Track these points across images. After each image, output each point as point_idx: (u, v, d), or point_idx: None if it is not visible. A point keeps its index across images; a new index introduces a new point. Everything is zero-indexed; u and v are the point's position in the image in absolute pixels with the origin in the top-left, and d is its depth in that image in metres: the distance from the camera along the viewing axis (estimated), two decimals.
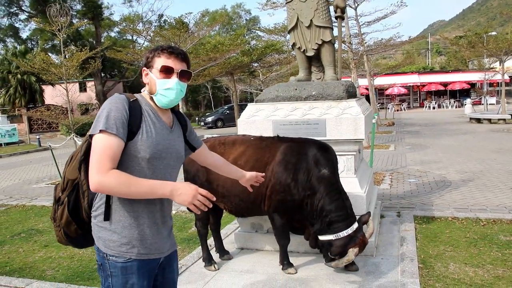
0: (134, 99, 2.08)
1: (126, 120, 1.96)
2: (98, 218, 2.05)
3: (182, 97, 2.23)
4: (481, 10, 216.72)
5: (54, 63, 13.40)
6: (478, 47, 24.60)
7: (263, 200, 4.15)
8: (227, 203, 4.38)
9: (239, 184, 4.16)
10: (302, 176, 3.99)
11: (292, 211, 4.10)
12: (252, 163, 4.10)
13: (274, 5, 20.60)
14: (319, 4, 5.13)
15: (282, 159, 4.05)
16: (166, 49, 2.10)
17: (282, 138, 4.30)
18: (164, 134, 2.10)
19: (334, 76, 5.26)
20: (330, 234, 3.90)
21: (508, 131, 17.49)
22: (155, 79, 2.07)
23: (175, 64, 2.07)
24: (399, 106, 39.59)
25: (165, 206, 2.17)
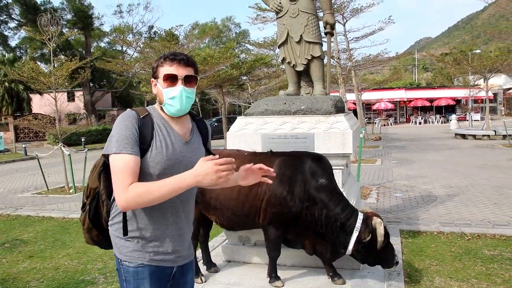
0: (146, 114, 2.06)
1: (137, 138, 1.96)
2: (114, 226, 2.09)
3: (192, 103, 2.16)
4: (466, 28, 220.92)
5: (43, 72, 13.30)
6: (463, 64, 25.07)
7: (257, 214, 4.18)
8: (219, 216, 4.39)
9: (233, 198, 4.17)
10: (298, 188, 4.03)
11: (288, 223, 4.11)
12: None
13: (264, 19, 20.79)
14: (309, 20, 5.21)
15: (277, 173, 4.01)
16: (168, 56, 2.06)
17: (276, 153, 4.34)
18: (177, 147, 2.07)
19: (323, 91, 5.33)
20: (350, 235, 3.92)
21: (492, 147, 17.77)
22: (161, 89, 2.05)
23: (178, 70, 2.03)
24: (386, 121, 40.01)
25: (181, 218, 2.14)
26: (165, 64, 2.04)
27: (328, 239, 4.06)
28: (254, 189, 4.08)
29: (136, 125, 1.99)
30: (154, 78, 2.10)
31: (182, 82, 2.03)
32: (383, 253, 3.97)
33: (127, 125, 1.97)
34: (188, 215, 2.20)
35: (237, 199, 4.18)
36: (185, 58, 2.06)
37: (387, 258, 4.01)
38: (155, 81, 2.10)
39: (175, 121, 2.12)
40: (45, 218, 8.09)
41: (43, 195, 10.71)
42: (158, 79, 2.07)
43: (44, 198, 10.37)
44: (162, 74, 2.04)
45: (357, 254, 4.01)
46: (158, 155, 2.00)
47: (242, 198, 4.17)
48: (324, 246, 4.14)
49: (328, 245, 4.10)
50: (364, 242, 3.87)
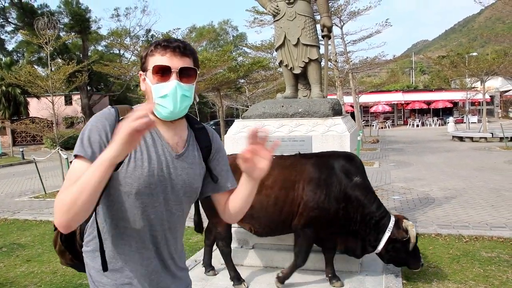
0: None
1: (105, 144, 1.51)
2: (88, 254, 1.72)
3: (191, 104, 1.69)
4: (463, 31, 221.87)
5: (40, 75, 13.32)
6: (460, 67, 25.16)
7: (293, 218, 4.11)
8: (255, 225, 4.26)
9: (270, 205, 4.09)
10: (334, 189, 4.01)
11: (324, 225, 4.08)
12: (280, 183, 4.08)
13: (261, 22, 20.89)
14: (306, 23, 5.23)
15: (312, 177, 4.06)
16: (160, 43, 1.61)
17: (305, 155, 4.31)
18: (163, 161, 1.63)
19: (321, 94, 5.34)
20: (382, 234, 4.00)
21: (489, 150, 17.81)
22: (151, 85, 1.60)
23: (171, 61, 1.57)
24: (383, 124, 40.08)
25: (163, 249, 1.72)
26: (156, 53, 1.60)
27: (360, 237, 4.10)
28: (290, 194, 4.05)
29: (109, 127, 1.56)
30: (143, 70, 1.66)
31: (177, 76, 1.58)
32: (411, 254, 4.05)
33: (97, 127, 1.56)
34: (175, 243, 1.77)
35: (275, 205, 4.09)
36: (182, 45, 1.61)
37: (414, 259, 4.09)
38: (143, 74, 1.66)
39: (166, 126, 1.67)
40: (42, 222, 8.07)
41: (41, 199, 10.68)
42: (147, 71, 1.62)
43: (41, 202, 10.34)
44: (151, 65, 1.59)
45: (385, 254, 4.08)
46: (137, 170, 1.57)
47: (279, 204, 4.08)
48: (355, 244, 4.15)
49: (358, 242, 4.13)
50: (396, 242, 3.97)
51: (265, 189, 4.05)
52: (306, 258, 4.23)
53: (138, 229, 1.64)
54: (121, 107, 1.66)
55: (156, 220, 1.66)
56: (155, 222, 1.66)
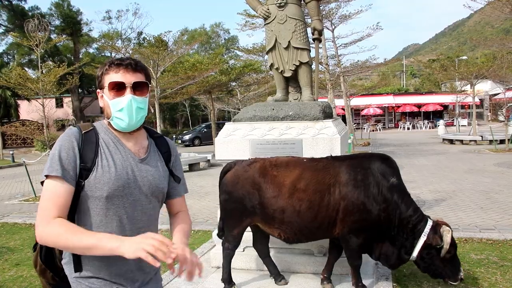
0: (89, 130, 1.80)
1: (76, 159, 1.71)
2: (68, 266, 1.82)
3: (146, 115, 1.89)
4: (453, 35, 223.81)
5: (31, 78, 13.24)
6: (450, 71, 25.37)
7: (331, 224, 3.93)
8: (285, 230, 4.05)
9: (303, 210, 3.94)
10: (373, 191, 3.86)
11: (368, 229, 3.92)
12: (313, 186, 3.92)
13: (253, 25, 20.92)
14: (297, 26, 5.25)
15: (348, 179, 3.91)
16: (113, 62, 1.79)
17: (337, 157, 4.18)
18: (128, 165, 1.80)
19: (311, 97, 5.36)
20: (417, 240, 3.82)
21: (479, 152, 17.96)
22: (108, 101, 1.78)
23: (125, 77, 1.75)
24: (374, 127, 40.28)
25: None
26: (110, 71, 1.78)
27: (397, 244, 3.92)
28: (325, 198, 3.88)
29: (76, 143, 1.74)
30: (100, 88, 1.83)
31: (131, 90, 1.76)
32: (448, 265, 3.82)
33: (65, 146, 1.73)
34: None
35: (308, 210, 3.89)
36: (133, 62, 1.80)
37: (451, 270, 3.84)
38: (101, 92, 1.83)
39: (126, 137, 1.85)
40: (32, 226, 8.00)
41: (31, 202, 10.60)
42: (104, 89, 1.80)
43: (31, 205, 10.25)
44: (107, 82, 1.77)
45: (420, 261, 3.88)
46: (105, 175, 1.73)
47: (314, 209, 3.89)
48: (391, 251, 3.97)
49: (395, 250, 3.94)
50: (431, 248, 3.77)
51: (298, 192, 3.91)
52: (360, 259, 4.11)
53: (112, 231, 1.74)
54: (82, 125, 1.84)
55: (129, 220, 1.80)
56: (127, 222, 1.79)
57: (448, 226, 3.82)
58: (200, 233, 6.91)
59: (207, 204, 9.65)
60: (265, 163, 4.19)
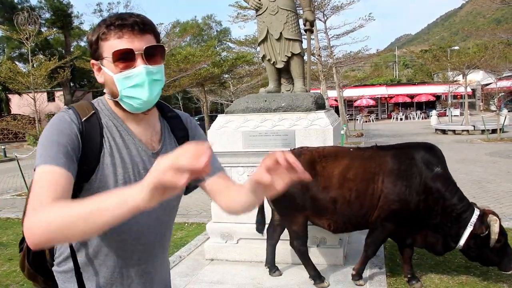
0: (91, 114, 1.38)
1: (78, 152, 1.30)
2: (61, 276, 1.48)
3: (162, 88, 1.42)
4: (445, 26, 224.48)
5: (22, 72, 13.13)
6: (442, 61, 25.47)
7: (372, 212, 3.97)
8: (336, 221, 4.06)
9: (352, 199, 3.93)
10: (415, 181, 3.86)
11: (404, 218, 3.94)
12: (361, 176, 3.95)
13: (244, 17, 20.85)
14: (288, 17, 5.22)
15: (391, 168, 3.93)
16: (113, 22, 1.30)
17: (382, 147, 4.20)
18: (139, 162, 1.40)
19: (303, 88, 5.35)
20: (463, 229, 3.80)
21: (471, 142, 18.08)
22: (112, 75, 1.33)
23: (132, 42, 1.29)
24: (367, 118, 40.39)
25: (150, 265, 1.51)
26: (110, 36, 1.31)
27: (441, 231, 3.92)
28: (370, 186, 3.91)
29: (78, 131, 1.32)
30: (95, 59, 1.37)
31: (143, 58, 1.31)
32: (498, 254, 3.80)
33: (60, 130, 1.30)
34: (163, 254, 1.58)
35: (356, 199, 3.93)
36: (139, 20, 1.31)
37: (502, 259, 3.80)
38: (97, 63, 1.37)
39: (136, 120, 1.43)
40: None
41: (23, 197, 10.53)
42: (103, 60, 1.34)
43: (24, 200, 10.17)
44: (109, 51, 1.31)
45: (468, 250, 3.88)
46: (110, 177, 1.34)
47: (361, 197, 3.93)
48: (435, 239, 3.97)
49: (440, 238, 3.95)
50: (478, 238, 3.75)
51: (347, 182, 3.94)
52: (376, 251, 4.14)
53: (118, 245, 1.42)
54: (78, 105, 1.41)
55: (141, 232, 1.43)
56: (138, 235, 1.43)
57: (495, 215, 3.78)
58: (194, 226, 6.91)
59: (200, 196, 9.63)
60: (313, 154, 4.14)
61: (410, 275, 4.18)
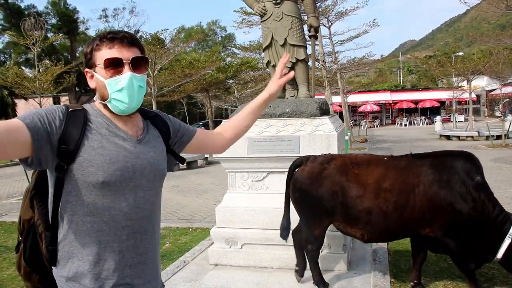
0: (77, 109, 1.59)
1: (54, 129, 1.47)
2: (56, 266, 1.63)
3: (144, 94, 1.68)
4: (449, 31, 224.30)
5: (28, 77, 13.23)
6: (447, 67, 25.44)
7: (417, 225, 3.80)
8: (370, 231, 3.91)
9: (390, 210, 3.76)
10: (461, 190, 3.70)
11: (464, 229, 3.74)
12: (399, 186, 3.79)
13: (249, 23, 20.91)
14: (293, 23, 5.25)
15: (433, 179, 3.76)
16: (106, 36, 1.57)
17: (418, 155, 4.03)
18: (125, 148, 1.59)
19: (308, 94, 5.37)
20: (502, 241, 3.68)
21: (476, 148, 18.01)
22: (103, 80, 1.56)
23: (121, 52, 1.55)
24: (371, 123, 40.34)
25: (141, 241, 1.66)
26: (102, 47, 1.56)
27: (480, 243, 3.77)
28: (411, 198, 3.74)
29: (62, 115, 1.52)
30: (89, 67, 1.60)
31: (130, 67, 1.56)
32: None
33: (46, 110, 1.52)
34: (154, 234, 1.73)
35: (395, 210, 3.75)
36: (128, 35, 1.59)
37: None
38: (90, 71, 1.60)
39: (122, 121, 1.64)
40: None
41: None
42: (96, 67, 1.57)
43: None
44: (101, 60, 1.55)
45: (507, 262, 3.74)
46: (98, 157, 1.51)
47: (399, 209, 3.75)
48: (474, 251, 3.82)
49: (479, 250, 3.79)
50: None
51: (383, 192, 3.79)
52: (471, 260, 3.87)
53: (108, 220, 1.56)
54: (70, 104, 1.63)
55: (129, 209, 1.59)
56: (128, 211, 1.59)
57: None
58: (198, 231, 6.92)
59: (205, 202, 9.67)
60: (345, 160, 4.05)
61: (416, 281, 4.15)
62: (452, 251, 3.86)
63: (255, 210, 4.90)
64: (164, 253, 5.80)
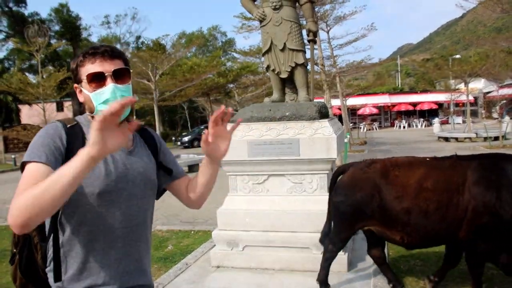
0: (73, 124, 1.66)
1: (59, 148, 1.55)
2: (50, 274, 1.65)
3: None
4: (446, 34, 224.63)
5: (32, 83, 13.32)
6: (444, 69, 25.58)
7: (458, 226, 3.67)
8: (409, 234, 3.81)
9: (431, 211, 3.66)
10: (506, 193, 3.55)
11: (498, 234, 3.61)
12: (442, 185, 3.69)
13: (249, 28, 20.98)
14: (292, 28, 5.32)
15: (479, 178, 3.64)
16: (88, 51, 1.64)
17: (462, 157, 3.95)
18: (118, 159, 1.66)
19: (307, 97, 5.43)
20: None
21: (474, 149, 18.05)
22: (88, 94, 1.62)
23: (103, 66, 1.60)
24: (370, 126, 40.39)
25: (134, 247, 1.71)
26: (85, 63, 1.62)
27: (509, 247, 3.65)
28: (454, 198, 3.63)
29: (63, 133, 1.60)
30: (77, 83, 1.66)
31: (112, 78, 1.60)
32: None
33: (48, 133, 1.58)
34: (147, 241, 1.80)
35: (436, 211, 3.65)
36: (109, 49, 1.65)
37: None
38: (79, 86, 1.66)
39: None
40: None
41: None
42: (82, 82, 1.64)
43: None
44: (84, 75, 1.61)
45: None
46: (95, 170, 1.56)
47: (442, 209, 3.64)
48: (500, 254, 3.70)
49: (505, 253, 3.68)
50: None
51: (424, 192, 3.69)
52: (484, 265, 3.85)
53: (104, 229, 1.62)
54: (64, 119, 1.70)
55: (123, 217, 1.65)
56: (122, 219, 1.65)
57: None
58: (200, 233, 6.97)
59: (206, 205, 9.63)
60: (385, 163, 4.03)
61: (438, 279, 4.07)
62: (476, 254, 3.77)
63: (256, 212, 4.95)
64: (167, 255, 5.86)
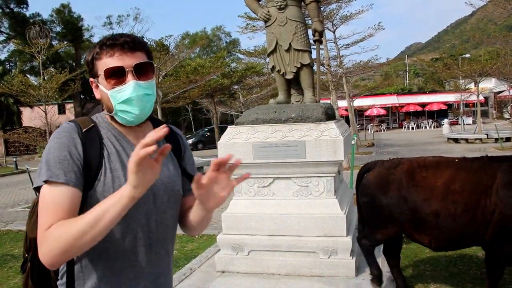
0: (90, 127, 1.47)
1: (77, 159, 1.38)
2: (62, 279, 1.51)
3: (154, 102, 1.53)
4: (455, 33, 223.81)
5: (33, 85, 13.33)
6: (454, 69, 25.34)
7: (485, 229, 3.60)
8: (438, 237, 3.76)
9: (459, 213, 3.60)
10: None
11: None
12: (470, 187, 3.63)
13: (254, 28, 20.92)
14: (297, 28, 5.22)
15: (508, 180, 3.55)
16: (105, 42, 1.43)
17: (494, 158, 3.88)
18: None
19: (313, 99, 5.33)
20: None
21: (485, 151, 17.85)
22: (106, 91, 1.44)
23: (123, 60, 1.40)
24: (378, 127, 40.20)
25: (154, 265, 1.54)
26: (102, 55, 1.42)
27: None
28: (482, 200, 3.56)
29: (77, 142, 1.40)
30: (93, 77, 1.48)
31: (133, 75, 1.41)
32: None
33: (62, 143, 1.39)
34: (168, 258, 1.62)
35: (464, 213, 3.59)
36: (129, 39, 1.43)
37: None
38: (95, 81, 1.49)
39: (133, 131, 1.52)
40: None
41: None
42: (99, 77, 1.45)
43: None
44: (102, 69, 1.42)
45: None
46: (115, 181, 1.41)
47: (470, 212, 3.58)
48: None
49: None
50: None
51: (452, 194, 3.64)
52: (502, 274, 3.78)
53: (122, 247, 1.46)
54: (79, 120, 1.51)
55: (143, 234, 1.48)
56: (142, 236, 1.48)
57: None
58: (205, 237, 6.89)
59: None
60: (412, 164, 3.96)
61: None
62: (499, 258, 3.69)
63: (262, 216, 4.86)
64: None
